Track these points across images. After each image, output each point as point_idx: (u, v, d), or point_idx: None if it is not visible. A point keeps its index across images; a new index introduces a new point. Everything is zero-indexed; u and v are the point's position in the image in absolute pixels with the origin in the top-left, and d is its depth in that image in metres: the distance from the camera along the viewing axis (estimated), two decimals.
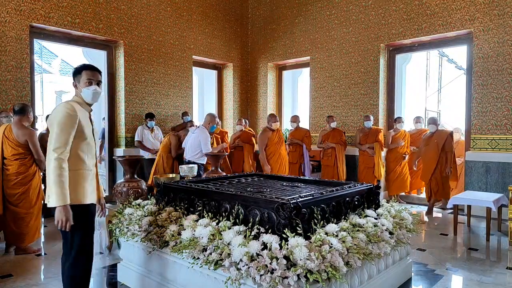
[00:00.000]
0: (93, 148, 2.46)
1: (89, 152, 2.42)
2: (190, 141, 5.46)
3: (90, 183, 2.41)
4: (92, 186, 2.44)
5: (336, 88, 7.70)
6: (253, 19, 9.21)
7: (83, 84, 2.39)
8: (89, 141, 2.40)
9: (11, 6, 5.53)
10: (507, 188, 5.10)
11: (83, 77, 2.40)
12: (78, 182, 2.32)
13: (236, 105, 9.18)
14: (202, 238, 2.44)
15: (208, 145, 5.29)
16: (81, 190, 2.34)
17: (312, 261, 2.06)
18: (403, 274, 3.25)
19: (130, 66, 6.97)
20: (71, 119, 2.27)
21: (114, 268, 3.51)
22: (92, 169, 2.45)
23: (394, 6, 6.84)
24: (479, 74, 5.94)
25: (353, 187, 3.03)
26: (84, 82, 2.39)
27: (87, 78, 2.39)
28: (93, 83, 2.41)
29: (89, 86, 2.40)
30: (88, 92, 2.40)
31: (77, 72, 2.44)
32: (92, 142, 2.44)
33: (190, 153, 5.39)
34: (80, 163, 2.35)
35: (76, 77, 2.43)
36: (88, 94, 2.40)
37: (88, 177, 2.40)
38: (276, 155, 6.17)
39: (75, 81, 2.44)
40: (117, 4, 6.74)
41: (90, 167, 2.42)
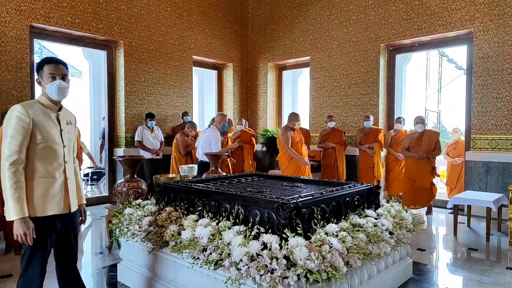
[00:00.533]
0: (57, 152, 2.15)
1: (50, 158, 2.12)
2: (202, 141, 5.47)
3: (51, 193, 2.12)
4: (56, 195, 2.15)
5: (336, 88, 7.70)
6: (253, 19, 9.21)
7: (46, 79, 2.15)
8: (51, 145, 2.11)
9: (11, 6, 5.53)
10: (507, 188, 5.10)
11: (45, 72, 2.16)
12: (34, 193, 2.07)
13: (236, 105, 9.17)
14: (202, 238, 2.44)
15: (218, 145, 5.29)
16: (37, 202, 2.07)
17: (312, 261, 2.06)
18: (403, 274, 3.25)
19: (130, 66, 6.97)
20: (21, 123, 2.02)
21: (114, 268, 3.51)
22: (56, 176, 2.15)
23: (394, 6, 6.84)
24: (479, 74, 5.94)
25: (353, 187, 3.03)
26: (47, 77, 2.15)
27: (50, 73, 2.15)
28: (57, 78, 2.15)
29: (52, 81, 2.15)
30: (52, 88, 2.14)
31: (39, 67, 2.20)
32: (56, 146, 2.14)
33: (201, 153, 5.39)
34: (37, 171, 2.08)
35: (39, 73, 2.19)
36: (53, 90, 2.15)
37: (49, 186, 2.11)
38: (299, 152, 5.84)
39: (38, 77, 2.20)
40: (117, 4, 6.74)
41: (52, 175, 2.13)
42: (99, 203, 6.72)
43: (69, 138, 2.25)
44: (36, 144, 2.07)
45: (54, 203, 2.14)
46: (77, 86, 12.32)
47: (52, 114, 2.17)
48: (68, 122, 2.27)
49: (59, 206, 2.16)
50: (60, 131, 2.18)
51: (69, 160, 2.24)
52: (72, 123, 2.33)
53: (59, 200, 2.16)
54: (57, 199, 2.15)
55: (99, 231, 5.06)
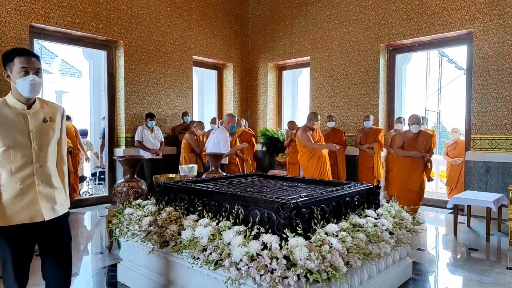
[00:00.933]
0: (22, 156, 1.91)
1: (12, 161, 1.89)
2: (211, 142, 5.50)
3: (16, 200, 1.90)
4: (21, 202, 1.91)
5: (336, 88, 7.70)
6: (253, 19, 9.21)
7: (17, 74, 1.91)
8: (14, 148, 1.89)
9: (11, 6, 5.53)
10: (507, 188, 5.10)
11: (16, 65, 1.91)
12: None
13: (236, 105, 9.17)
14: (202, 238, 2.44)
15: (227, 145, 5.31)
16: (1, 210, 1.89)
17: (312, 261, 2.06)
18: (403, 274, 3.25)
19: (130, 66, 6.97)
20: None
21: (114, 268, 3.51)
22: (22, 182, 1.91)
23: (394, 6, 6.84)
24: (479, 74, 5.94)
25: (353, 187, 3.03)
26: (18, 71, 1.91)
27: (22, 67, 1.91)
28: (30, 72, 1.92)
29: (25, 76, 1.91)
30: (24, 83, 1.90)
31: (7, 59, 1.93)
32: (21, 150, 1.90)
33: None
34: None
35: (8, 65, 1.93)
36: (25, 87, 1.91)
37: (12, 193, 1.90)
38: (317, 155, 5.73)
39: (6, 71, 1.95)
40: (117, 4, 6.74)
41: (15, 181, 1.90)
42: (99, 203, 6.73)
43: (43, 137, 1.98)
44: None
45: (20, 211, 1.91)
46: (77, 86, 12.32)
47: (20, 113, 1.93)
48: (46, 119, 2.00)
49: (26, 215, 1.92)
50: (29, 132, 1.93)
51: (43, 162, 1.98)
52: (55, 119, 2.04)
53: (27, 208, 1.92)
54: (23, 207, 1.91)
55: (99, 231, 5.06)
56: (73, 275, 3.44)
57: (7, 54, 1.95)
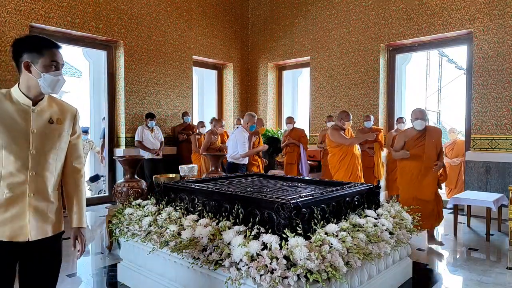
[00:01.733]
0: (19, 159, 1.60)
1: (2, 164, 1.58)
2: (230, 142, 5.42)
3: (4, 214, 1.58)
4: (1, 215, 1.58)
5: (336, 88, 7.70)
6: (253, 19, 9.21)
7: (43, 67, 1.63)
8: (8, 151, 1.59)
9: (11, 6, 5.53)
10: (507, 188, 5.10)
11: (45, 58, 1.64)
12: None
13: (236, 105, 9.17)
14: (202, 238, 2.44)
15: (244, 146, 5.21)
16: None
17: (312, 261, 2.06)
18: (403, 274, 3.25)
19: (130, 66, 6.97)
20: None
21: (114, 268, 3.51)
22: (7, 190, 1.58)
23: (394, 6, 6.84)
24: (479, 74, 5.94)
25: (353, 187, 3.03)
26: (46, 65, 1.64)
27: (52, 60, 1.65)
28: (59, 67, 1.69)
29: (55, 71, 1.66)
30: (53, 80, 1.65)
31: (32, 47, 1.64)
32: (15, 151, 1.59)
33: (230, 154, 5.37)
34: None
35: (31, 55, 1.63)
36: (52, 83, 1.66)
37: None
38: (349, 155, 5.33)
39: (28, 60, 1.63)
40: (117, 4, 6.74)
41: (1, 188, 1.58)
42: (99, 203, 6.72)
43: (46, 140, 1.67)
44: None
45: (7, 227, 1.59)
46: (77, 86, 12.31)
47: (22, 109, 1.64)
48: (53, 120, 1.70)
49: (7, 231, 1.59)
50: (29, 132, 1.62)
51: (41, 170, 1.66)
52: (64, 121, 1.75)
53: (9, 223, 1.59)
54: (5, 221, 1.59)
55: (99, 231, 5.06)
56: (73, 275, 3.46)
57: (32, 42, 1.66)
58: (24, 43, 1.66)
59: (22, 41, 1.66)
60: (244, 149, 5.20)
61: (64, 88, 13.58)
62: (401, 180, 4.59)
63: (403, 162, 4.47)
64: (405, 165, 4.45)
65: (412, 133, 4.41)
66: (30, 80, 1.64)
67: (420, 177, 4.33)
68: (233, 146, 5.33)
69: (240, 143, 5.21)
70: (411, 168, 4.37)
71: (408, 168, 4.40)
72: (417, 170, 4.33)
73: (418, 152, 4.32)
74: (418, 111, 4.36)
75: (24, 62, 1.63)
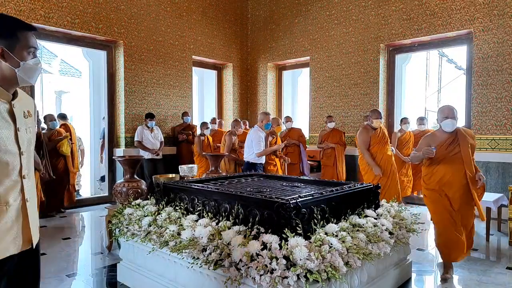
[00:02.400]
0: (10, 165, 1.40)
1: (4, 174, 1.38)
2: (247, 142, 5.39)
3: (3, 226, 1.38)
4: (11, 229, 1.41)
5: (336, 88, 7.70)
6: (253, 19, 9.21)
7: (20, 54, 1.42)
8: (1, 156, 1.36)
9: (10, 6, 5.53)
10: (507, 188, 5.10)
11: (21, 42, 1.43)
12: None
13: (236, 105, 9.18)
14: (202, 238, 2.44)
15: (259, 145, 5.16)
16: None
17: (312, 261, 2.06)
18: (402, 274, 3.25)
19: (130, 66, 6.97)
20: None
21: (114, 268, 3.51)
22: (10, 201, 1.40)
23: (394, 6, 6.85)
24: (479, 74, 5.94)
25: (353, 187, 3.03)
26: (24, 51, 1.44)
27: (31, 46, 1.46)
28: (36, 54, 1.50)
29: (33, 58, 1.47)
30: (32, 68, 1.46)
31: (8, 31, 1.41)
32: (8, 157, 1.39)
33: (246, 154, 5.35)
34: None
35: (5, 40, 1.40)
36: (33, 73, 1.47)
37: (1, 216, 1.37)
38: (380, 156, 5.03)
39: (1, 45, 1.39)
40: (116, 4, 6.74)
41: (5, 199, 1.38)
42: (99, 203, 6.73)
43: (28, 138, 1.49)
44: None
45: (9, 240, 1.40)
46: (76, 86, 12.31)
47: (2, 107, 1.40)
48: (26, 114, 1.50)
49: (16, 243, 1.43)
50: (16, 131, 1.42)
51: (29, 172, 1.49)
52: (32, 114, 1.54)
53: (16, 235, 1.43)
54: (13, 234, 1.41)
55: (99, 231, 5.06)
56: (73, 275, 3.46)
57: (5, 25, 1.42)
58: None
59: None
60: (259, 148, 5.14)
61: (64, 88, 13.59)
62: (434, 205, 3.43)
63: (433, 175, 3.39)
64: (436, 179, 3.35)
65: (442, 137, 3.39)
66: (6, 70, 1.40)
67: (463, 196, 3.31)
68: (249, 146, 5.30)
69: (255, 141, 5.16)
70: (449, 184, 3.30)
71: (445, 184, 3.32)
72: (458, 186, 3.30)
73: (453, 162, 3.31)
74: (447, 109, 3.39)
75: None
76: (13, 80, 1.43)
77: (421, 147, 3.45)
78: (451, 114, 3.35)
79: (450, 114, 3.35)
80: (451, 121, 3.33)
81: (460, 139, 3.37)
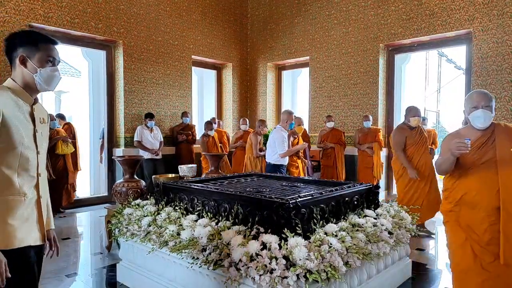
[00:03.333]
0: (30, 161, 1.57)
1: (23, 168, 1.55)
2: (269, 142, 5.13)
3: (22, 216, 1.54)
4: (29, 219, 1.58)
5: (335, 88, 7.70)
6: (252, 19, 9.21)
7: (41, 62, 1.59)
8: (23, 150, 1.54)
9: (10, 5, 5.52)
10: None
11: (41, 52, 1.59)
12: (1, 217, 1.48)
13: (236, 105, 9.18)
14: (202, 238, 2.44)
15: (283, 146, 4.91)
16: (6, 229, 1.49)
17: (312, 261, 2.06)
18: (402, 274, 3.25)
19: (130, 66, 6.97)
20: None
21: (113, 268, 3.50)
22: (29, 193, 1.57)
23: (393, 6, 6.85)
24: (478, 74, 5.94)
25: (353, 187, 3.03)
26: (43, 60, 1.60)
27: (50, 56, 1.62)
28: (55, 63, 1.65)
29: (52, 66, 1.63)
30: (52, 76, 1.63)
31: (27, 41, 1.59)
32: (28, 152, 1.56)
33: (269, 155, 5.10)
34: (6, 186, 1.50)
35: (26, 48, 1.58)
36: (50, 79, 1.63)
37: (20, 206, 1.53)
38: (416, 158, 4.60)
39: (23, 55, 1.57)
40: (116, 4, 6.73)
41: (24, 191, 1.55)
42: (99, 203, 6.72)
43: (43, 141, 1.67)
44: (5, 149, 1.49)
45: (27, 231, 1.57)
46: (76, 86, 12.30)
47: (25, 108, 1.59)
48: (42, 120, 1.67)
49: (33, 236, 1.60)
50: (34, 131, 1.60)
51: (43, 171, 1.67)
52: (46, 122, 1.72)
53: (31, 227, 1.59)
54: (29, 225, 1.58)
55: (99, 231, 5.06)
56: (72, 275, 3.46)
57: (28, 36, 1.61)
58: (19, 37, 1.61)
59: (18, 34, 1.62)
60: (283, 148, 4.87)
61: (63, 88, 13.56)
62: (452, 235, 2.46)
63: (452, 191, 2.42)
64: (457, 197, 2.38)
65: (475, 135, 2.38)
66: (26, 76, 1.59)
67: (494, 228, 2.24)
68: (271, 147, 5.04)
69: (278, 142, 4.89)
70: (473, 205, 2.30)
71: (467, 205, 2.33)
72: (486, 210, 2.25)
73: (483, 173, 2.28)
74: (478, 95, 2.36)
75: (20, 56, 1.57)
76: (33, 86, 1.61)
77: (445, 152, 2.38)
78: (483, 102, 2.30)
79: (482, 102, 2.30)
80: (482, 112, 2.29)
81: (497, 139, 2.30)
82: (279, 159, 4.97)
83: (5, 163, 1.49)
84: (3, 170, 1.48)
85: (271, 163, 5.03)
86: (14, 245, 1.50)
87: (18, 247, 1.52)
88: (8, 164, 1.50)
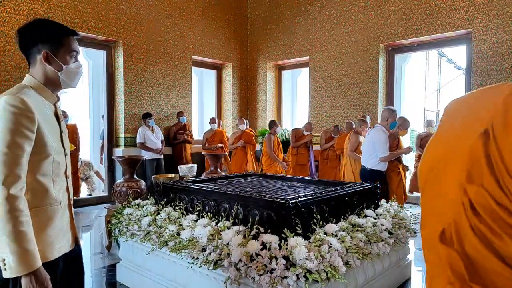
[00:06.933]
0: (61, 165, 1.47)
1: (56, 174, 1.45)
2: (366, 144, 4.54)
3: (59, 225, 1.45)
4: (63, 227, 1.49)
5: (335, 88, 7.70)
6: (252, 19, 9.21)
7: (66, 58, 1.45)
8: (55, 156, 1.43)
9: (10, 5, 5.52)
10: None
11: (66, 47, 1.45)
12: (40, 228, 1.38)
13: (236, 105, 9.17)
14: (202, 238, 2.44)
15: (384, 148, 4.24)
16: (46, 240, 1.40)
17: (311, 261, 2.06)
18: (402, 274, 3.25)
19: (129, 66, 6.97)
20: (22, 121, 1.30)
21: (113, 268, 3.51)
22: (62, 200, 1.48)
23: (393, 6, 6.85)
24: (478, 74, 5.95)
25: (352, 187, 3.03)
26: (68, 55, 1.46)
27: (74, 50, 1.48)
28: (77, 58, 1.52)
29: (76, 61, 1.50)
30: (77, 73, 1.51)
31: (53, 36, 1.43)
32: (59, 156, 1.46)
33: (365, 158, 4.49)
34: (43, 195, 1.40)
35: (49, 43, 1.42)
36: (75, 76, 1.51)
37: (57, 215, 1.44)
38: None
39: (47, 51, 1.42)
40: (116, 4, 6.73)
41: (59, 198, 1.46)
42: (99, 203, 6.72)
43: (67, 141, 1.56)
44: (41, 156, 1.38)
45: (64, 238, 1.49)
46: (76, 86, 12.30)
47: (50, 108, 1.48)
48: (62, 117, 1.58)
49: (68, 241, 1.53)
50: (60, 132, 1.50)
51: (69, 174, 1.57)
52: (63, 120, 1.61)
53: (66, 233, 1.51)
54: (64, 232, 1.49)
55: (99, 231, 5.06)
56: None
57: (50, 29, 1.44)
58: (39, 30, 1.42)
59: (36, 27, 1.42)
60: (384, 151, 4.23)
61: None
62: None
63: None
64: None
65: None
66: (50, 73, 1.44)
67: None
68: (369, 149, 4.41)
69: (379, 143, 4.24)
70: None
71: None
72: None
73: None
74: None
75: (44, 53, 1.41)
76: (57, 84, 1.48)
77: None
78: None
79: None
80: None
81: None
82: (378, 164, 4.36)
83: (41, 171, 1.38)
84: (39, 179, 1.38)
85: (368, 168, 4.42)
86: (54, 256, 1.43)
87: (56, 257, 1.44)
88: (44, 172, 1.39)
